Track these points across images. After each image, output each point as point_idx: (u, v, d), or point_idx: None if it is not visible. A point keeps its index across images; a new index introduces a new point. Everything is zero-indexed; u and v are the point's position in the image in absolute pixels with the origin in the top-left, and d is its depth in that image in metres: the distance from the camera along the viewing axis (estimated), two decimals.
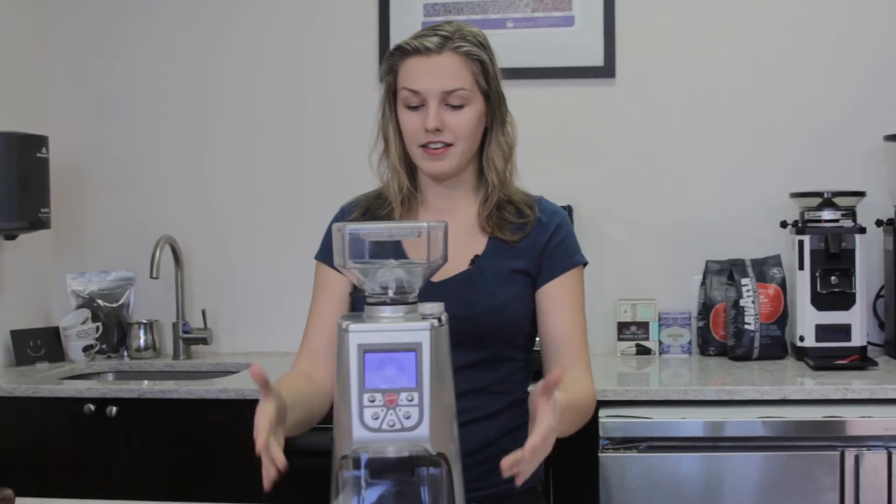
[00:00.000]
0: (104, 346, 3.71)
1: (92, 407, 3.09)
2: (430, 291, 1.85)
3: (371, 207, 2.12)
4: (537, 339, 2.10)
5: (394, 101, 2.05)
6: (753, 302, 3.32)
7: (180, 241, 3.70)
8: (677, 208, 3.56)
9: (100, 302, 3.75)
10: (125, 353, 3.71)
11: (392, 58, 2.04)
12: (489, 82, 2.03)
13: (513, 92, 3.51)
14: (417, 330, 1.51)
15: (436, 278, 1.97)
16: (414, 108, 2.00)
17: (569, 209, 3.19)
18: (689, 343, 3.49)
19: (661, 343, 3.49)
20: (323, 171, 3.68)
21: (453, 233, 2.02)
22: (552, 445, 1.63)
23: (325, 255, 2.09)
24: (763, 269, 3.38)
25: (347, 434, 1.49)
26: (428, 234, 1.55)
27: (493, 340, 2.01)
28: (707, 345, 3.46)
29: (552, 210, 2.11)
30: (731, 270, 3.39)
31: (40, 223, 3.39)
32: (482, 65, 2.02)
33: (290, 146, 3.73)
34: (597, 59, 3.57)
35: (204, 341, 3.66)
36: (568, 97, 3.61)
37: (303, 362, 2.05)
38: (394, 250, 1.68)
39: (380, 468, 1.52)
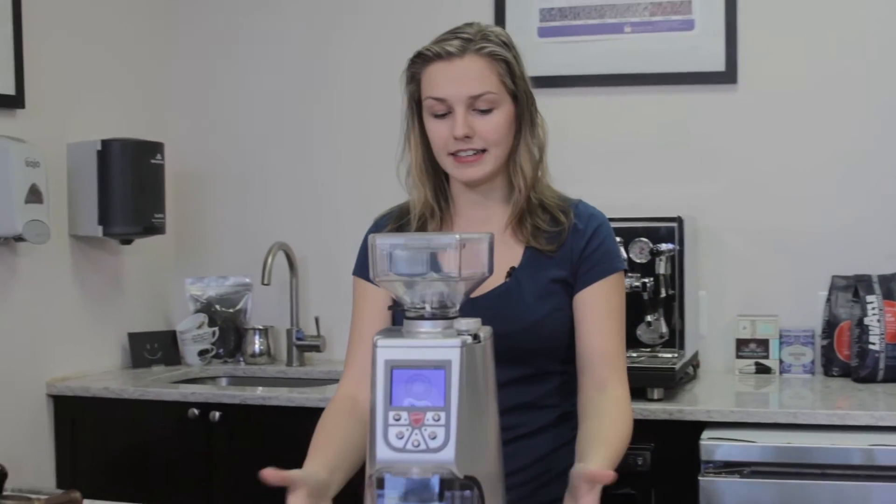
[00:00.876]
0: (221, 351, 3.74)
1: (196, 411, 3.12)
2: (467, 307, 1.79)
3: (403, 222, 2.05)
4: None
5: (418, 110, 1.98)
6: (879, 320, 3.13)
7: (295, 248, 3.71)
8: (802, 220, 3.39)
9: (217, 307, 3.79)
10: (241, 359, 3.74)
11: (413, 66, 1.97)
12: (516, 83, 1.94)
13: (631, 98, 3.49)
14: (448, 347, 1.44)
15: (473, 293, 1.90)
16: (441, 117, 1.92)
17: (678, 221, 3.07)
18: (812, 363, 3.32)
19: (781, 362, 3.33)
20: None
21: None
22: None
23: (361, 269, 2.04)
24: (891, 285, 3.19)
25: (373, 454, 1.44)
26: (460, 246, 1.48)
27: (536, 355, 1.92)
28: (830, 365, 3.29)
29: (589, 214, 2.00)
30: (856, 286, 3.21)
31: (154, 229, 3.44)
32: (507, 65, 1.92)
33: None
34: (718, 65, 3.43)
35: (317, 349, 3.66)
36: (687, 104, 3.48)
37: (348, 385, 1.99)
38: (434, 263, 1.62)
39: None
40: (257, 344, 3.72)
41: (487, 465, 1.49)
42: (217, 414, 3.10)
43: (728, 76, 3.43)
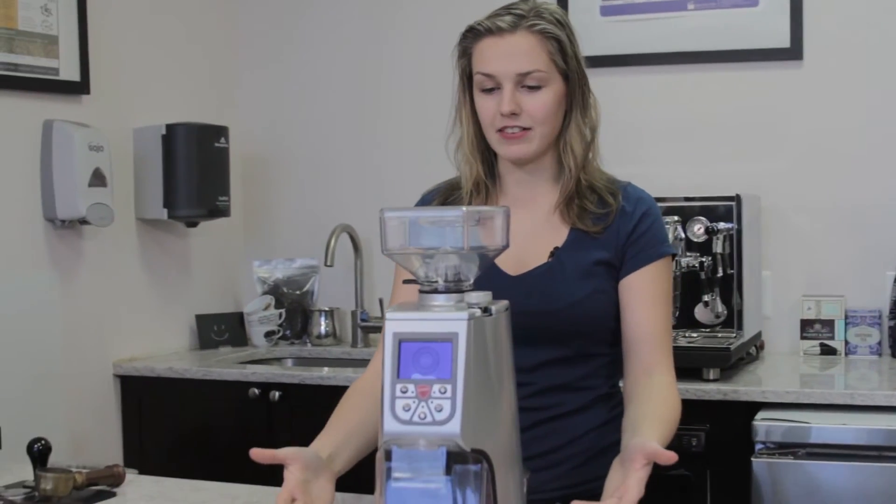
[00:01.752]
0: (287, 332, 3.79)
1: (256, 391, 3.16)
2: (509, 285, 1.79)
3: (450, 197, 2.05)
4: None
5: (469, 84, 1.98)
6: None
7: (359, 230, 3.74)
8: (869, 199, 3.31)
9: (284, 289, 3.83)
10: (307, 340, 3.78)
11: (465, 40, 1.97)
12: (567, 62, 1.91)
13: (693, 77, 3.44)
14: (455, 320, 1.44)
15: (514, 271, 1.90)
16: (489, 92, 1.91)
17: (737, 198, 3.02)
18: (879, 344, 3.24)
19: (847, 343, 3.26)
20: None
21: (533, 223, 1.94)
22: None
23: None
24: None
25: (382, 425, 1.45)
26: (467, 219, 1.48)
27: (575, 337, 1.90)
28: None
29: (638, 196, 1.96)
30: None
31: (218, 211, 3.49)
32: (559, 43, 1.90)
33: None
34: (783, 41, 3.36)
35: (380, 330, 3.68)
36: (752, 81, 3.42)
37: (377, 361, 2.02)
38: (448, 237, 1.62)
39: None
40: (323, 325, 3.76)
41: (499, 440, 1.49)
42: (277, 394, 3.15)
43: (793, 53, 3.36)
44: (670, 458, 1.54)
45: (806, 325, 3.28)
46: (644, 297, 1.88)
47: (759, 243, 3.28)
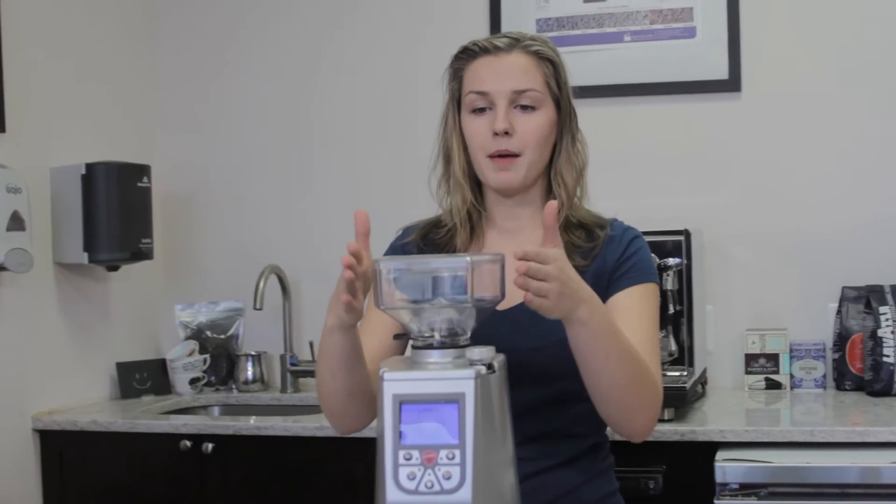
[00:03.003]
0: (212, 379, 3.63)
1: (188, 443, 3.00)
2: (493, 321, 1.68)
3: (429, 234, 1.96)
4: None
5: (457, 110, 1.90)
6: (893, 332, 3.04)
7: (287, 271, 3.60)
8: (810, 231, 3.29)
9: (208, 333, 3.67)
10: (233, 386, 3.62)
11: (458, 61, 1.91)
12: (560, 89, 1.88)
13: (631, 109, 3.39)
14: (460, 379, 1.34)
15: (499, 306, 1.79)
16: (480, 112, 1.85)
17: (686, 234, 2.97)
18: (824, 377, 3.21)
19: (792, 377, 3.22)
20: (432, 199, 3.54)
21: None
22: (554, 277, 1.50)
23: None
24: None
25: (382, 495, 1.33)
26: (471, 269, 1.37)
27: (563, 376, 1.80)
28: (843, 379, 3.18)
29: (625, 227, 1.93)
30: (868, 298, 3.11)
31: (142, 254, 3.33)
32: (554, 67, 1.87)
33: (398, 173, 3.58)
34: (721, 73, 3.33)
35: (312, 374, 3.54)
36: (690, 113, 3.38)
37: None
38: (442, 288, 1.51)
39: None
40: (250, 371, 3.61)
41: None
42: (210, 445, 2.98)
43: (731, 84, 3.33)
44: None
45: (751, 359, 3.24)
46: (630, 313, 1.79)
47: (702, 277, 3.23)
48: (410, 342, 1.44)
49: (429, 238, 1.95)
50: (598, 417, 1.89)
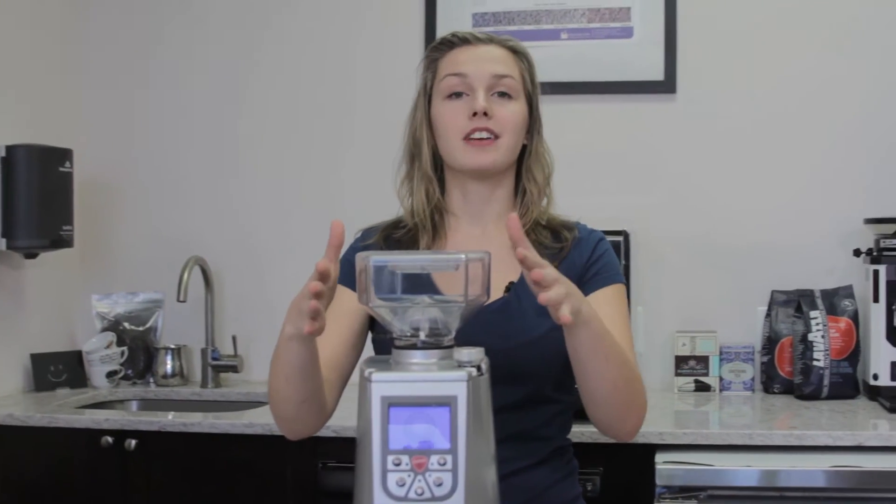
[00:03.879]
0: (129, 372, 3.52)
1: (110, 439, 2.89)
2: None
3: (391, 234, 1.91)
4: None
5: (427, 103, 1.86)
6: (823, 336, 3.06)
7: (211, 263, 3.50)
8: (741, 234, 3.31)
9: (126, 325, 3.56)
10: (151, 380, 3.51)
11: (434, 52, 1.90)
12: (533, 86, 1.90)
13: (566, 108, 3.33)
14: (452, 381, 1.29)
15: None
16: (457, 97, 1.83)
17: (624, 235, 2.96)
18: (752, 380, 3.23)
19: (721, 379, 3.23)
20: (361, 189, 3.47)
21: None
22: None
23: (340, 275, 1.88)
24: (834, 300, 3.13)
25: (366, 501, 1.27)
26: (466, 267, 1.32)
27: (532, 377, 1.79)
28: (771, 382, 3.21)
29: (590, 230, 1.93)
30: (798, 302, 3.14)
31: (62, 241, 3.21)
32: (529, 64, 1.89)
33: (328, 163, 3.52)
34: (657, 74, 3.33)
35: (234, 369, 3.46)
36: (625, 114, 3.37)
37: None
38: (425, 284, 1.46)
39: None
40: (169, 364, 3.50)
41: None
42: (133, 442, 2.88)
43: (667, 86, 3.33)
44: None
45: (681, 361, 3.24)
46: (606, 314, 1.74)
47: (633, 278, 3.22)
48: (394, 341, 1.38)
49: (391, 239, 1.90)
50: (564, 420, 1.87)
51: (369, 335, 1.87)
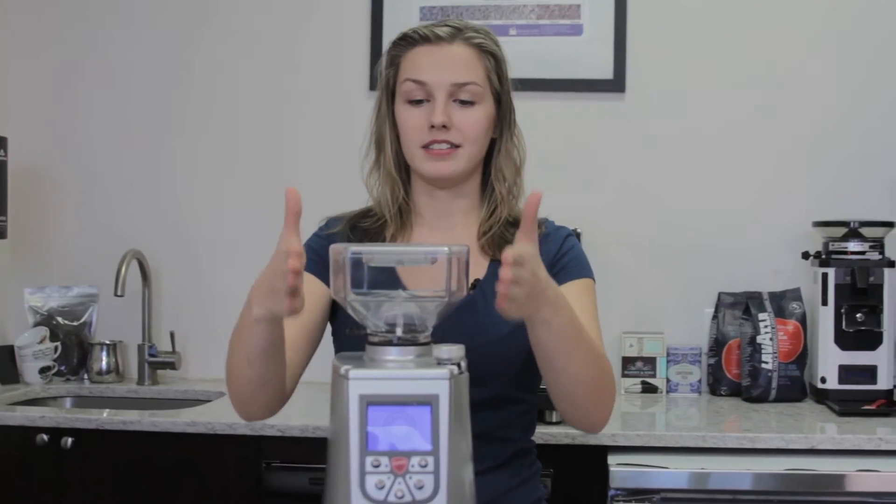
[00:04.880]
0: (63, 368, 3.41)
1: (45, 437, 2.79)
2: None
3: (358, 224, 1.86)
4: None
5: (391, 99, 1.79)
6: (772, 339, 3.06)
7: (149, 256, 3.41)
8: (689, 235, 3.30)
9: (59, 319, 3.45)
10: (85, 377, 3.41)
11: (396, 48, 1.81)
12: (502, 83, 1.83)
13: (515, 104, 3.30)
14: (433, 379, 1.24)
15: None
16: (417, 104, 1.76)
17: (577, 235, 2.91)
18: (699, 381, 3.22)
19: (668, 381, 3.22)
20: (307, 183, 3.32)
21: None
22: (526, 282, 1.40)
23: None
24: (782, 303, 3.13)
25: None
26: (449, 261, 1.27)
27: (496, 377, 1.74)
28: (718, 384, 3.19)
29: (558, 226, 1.90)
30: (747, 304, 3.13)
31: None
32: (496, 61, 1.81)
33: (272, 156, 3.44)
34: (606, 72, 3.30)
35: (172, 366, 3.37)
36: (574, 112, 3.34)
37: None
38: (391, 279, 1.41)
39: None
40: (104, 361, 3.40)
41: None
42: (69, 440, 2.79)
43: (616, 84, 3.30)
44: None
45: (628, 362, 3.22)
46: (574, 306, 1.70)
47: None
48: (368, 337, 1.32)
49: (358, 228, 1.85)
50: (527, 421, 1.84)
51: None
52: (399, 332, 1.30)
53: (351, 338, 1.60)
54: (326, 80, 3.43)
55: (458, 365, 1.28)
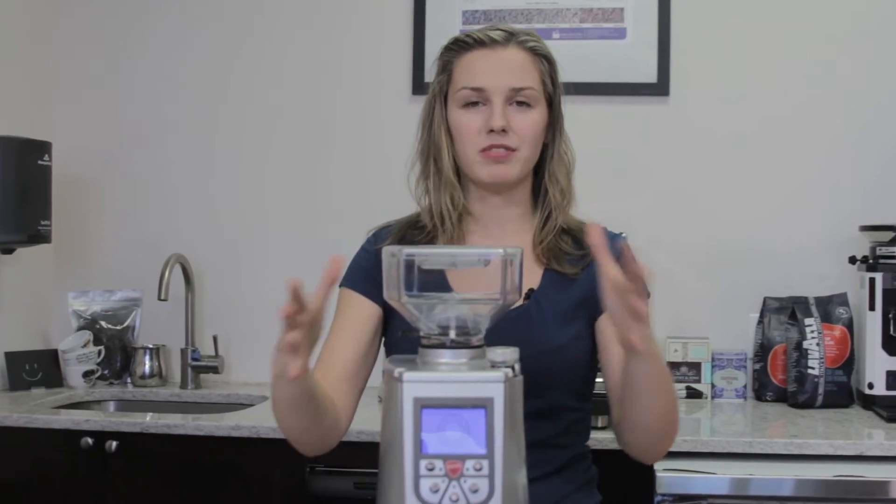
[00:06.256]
0: (106, 372, 3.43)
1: (90, 441, 2.80)
2: None
3: (406, 235, 1.84)
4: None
5: (444, 105, 1.78)
6: (818, 344, 3.03)
7: (192, 261, 3.42)
8: (734, 240, 3.27)
9: (103, 324, 3.47)
10: (128, 381, 3.43)
11: (448, 52, 1.80)
12: (555, 87, 1.82)
13: None
14: (489, 382, 1.23)
15: None
16: (473, 106, 1.75)
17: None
18: (745, 387, 3.19)
19: (713, 386, 3.19)
20: (345, 188, 3.41)
21: None
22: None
23: (350, 280, 1.81)
24: (828, 308, 3.10)
25: None
26: (504, 263, 1.26)
27: (550, 387, 1.73)
28: (764, 389, 3.16)
29: (613, 235, 1.85)
30: (793, 309, 3.10)
31: (40, 237, 3.12)
32: (549, 64, 1.81)
33: (311, 162, 3.45)
34: (650, 76, 3.28)
35: (214, 370, 3.37)
36: (617, 116, 3.32)
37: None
38: (439, 282, 1.40)
39: None
40: (147, 365, 3.41)
41: None
42: (114, 443, 2.80)
43: (660, 88, 3.28)
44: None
45: (672, 367, 3.19)
46: None
47: None
48: (421, 340, 1.32)
49: (406, 240, 1.83)
50: (582, 427, 1.82)
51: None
52: (452, 334, 1.29)
53: (403, 341, 1.59)
54: (368, 84, 3.43)
55: (513, 368, 1.27)
